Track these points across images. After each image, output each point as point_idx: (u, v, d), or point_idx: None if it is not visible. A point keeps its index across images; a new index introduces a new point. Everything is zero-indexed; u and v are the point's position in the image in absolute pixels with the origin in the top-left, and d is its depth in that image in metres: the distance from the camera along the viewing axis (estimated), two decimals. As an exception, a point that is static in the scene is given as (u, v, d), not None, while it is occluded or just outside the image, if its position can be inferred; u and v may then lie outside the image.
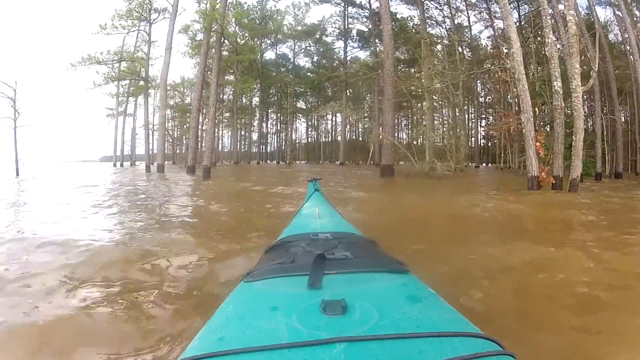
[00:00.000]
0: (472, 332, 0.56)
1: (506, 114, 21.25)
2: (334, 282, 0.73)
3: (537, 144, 7.55)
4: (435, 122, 24.91)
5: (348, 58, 34.72)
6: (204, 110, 18.20)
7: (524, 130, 7.60)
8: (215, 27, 11.48)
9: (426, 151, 11.54)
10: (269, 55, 38.48)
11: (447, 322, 0.60)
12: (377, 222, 4.10)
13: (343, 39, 34.36)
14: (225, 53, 33.71)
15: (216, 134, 37.41)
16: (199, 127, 34.15)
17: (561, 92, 9.03)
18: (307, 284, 0.71)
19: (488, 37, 26.84)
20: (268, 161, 40.07)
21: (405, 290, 0.73)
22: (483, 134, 32.00)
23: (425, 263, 2.23)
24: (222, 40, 12.84)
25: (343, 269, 0.80)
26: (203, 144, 34.82)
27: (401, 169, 13.77)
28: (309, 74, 38.75)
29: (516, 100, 21.69)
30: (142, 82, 17.13)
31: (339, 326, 0.55)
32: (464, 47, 26.56)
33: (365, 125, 43.63)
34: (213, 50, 12.84)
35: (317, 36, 36.18)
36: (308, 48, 38.14)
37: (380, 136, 11.07)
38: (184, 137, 36.70)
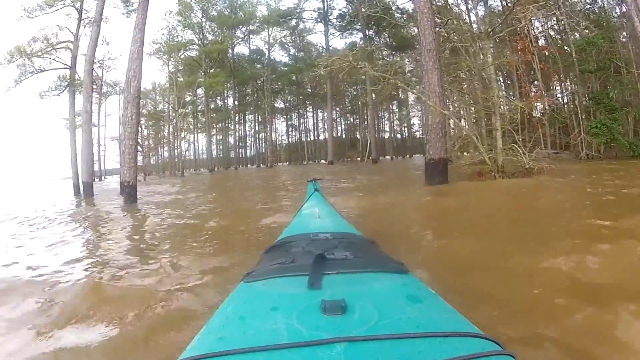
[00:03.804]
0: (471, 332, 0.55)
1: (539, 88, 18.14)
2: (334, 282, 0.71)
3: None
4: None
5: (330, 45, 30.66)
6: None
7: None
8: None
9: (496, 135, 7.72)
10: (242, 50, 34.35)
11: (447, 322, 0.59)
12: None
13: (323, 21, 30.28)
14: (193, 52, 29.48)
15: (192, 140, 33.19)
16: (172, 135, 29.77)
17: None
18: (307, 284, 0.68)
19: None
20: (248, 165, 35.91)
21: (405, 290, 0.71)
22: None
23: None
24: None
25: (343, 269, 0.78)
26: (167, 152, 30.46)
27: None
28: (285, 69, 34.70)
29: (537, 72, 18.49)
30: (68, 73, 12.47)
31: (339, 326, 0.53)
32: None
33: (348, 121, 40.02)
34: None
35: (294, 23, 32.08)
36: (284, 40, 34.05)
37: (430, 108, 7.15)
38: (158, 147, 33.14)
